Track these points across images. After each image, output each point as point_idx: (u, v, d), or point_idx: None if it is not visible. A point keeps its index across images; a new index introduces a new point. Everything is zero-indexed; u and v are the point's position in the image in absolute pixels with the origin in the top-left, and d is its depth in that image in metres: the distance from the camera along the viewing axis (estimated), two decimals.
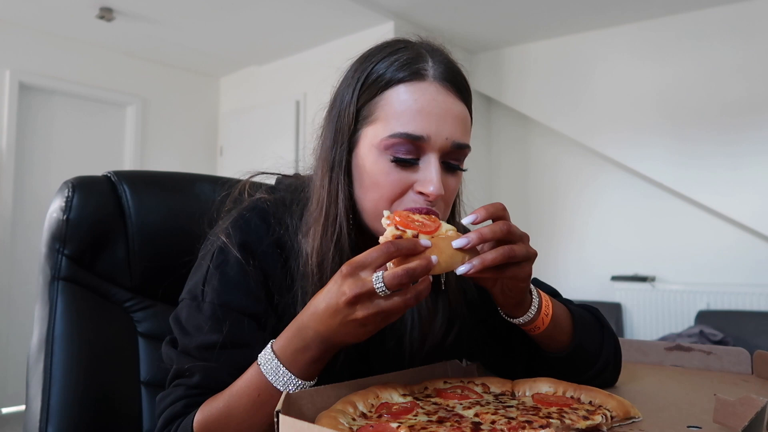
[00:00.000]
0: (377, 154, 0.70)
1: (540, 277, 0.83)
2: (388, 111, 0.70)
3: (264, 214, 0.77)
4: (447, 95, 0.71)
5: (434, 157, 0.70)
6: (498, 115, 4.54)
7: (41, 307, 0.88)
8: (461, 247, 0.61)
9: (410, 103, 0.69)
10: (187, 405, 0.68)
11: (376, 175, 0.70)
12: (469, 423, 0.55)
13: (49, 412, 0.82)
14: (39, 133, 3.90)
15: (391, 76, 0.71)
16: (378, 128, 0.70)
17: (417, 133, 0.68)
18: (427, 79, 0.71)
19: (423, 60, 0.72)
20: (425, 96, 0.70)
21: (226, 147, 4.82)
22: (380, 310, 0.58)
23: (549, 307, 0.72)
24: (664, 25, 3.67)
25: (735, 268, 3.50)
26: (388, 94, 0.71)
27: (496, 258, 0.61)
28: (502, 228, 0.62)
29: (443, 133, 0.69)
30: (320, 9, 3.51)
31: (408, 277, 0.57)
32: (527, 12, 3.66)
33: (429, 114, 0.69)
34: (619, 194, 3.96)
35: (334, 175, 0.73)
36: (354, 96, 0.72)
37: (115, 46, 4.17)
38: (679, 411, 0.64)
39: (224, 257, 0.73)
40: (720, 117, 3.50)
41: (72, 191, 0.90)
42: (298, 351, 0.62)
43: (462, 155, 0.73)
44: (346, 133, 0.73)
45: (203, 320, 0.70)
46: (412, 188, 0.70)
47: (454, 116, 0.71)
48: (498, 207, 0.64)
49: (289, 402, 0.54)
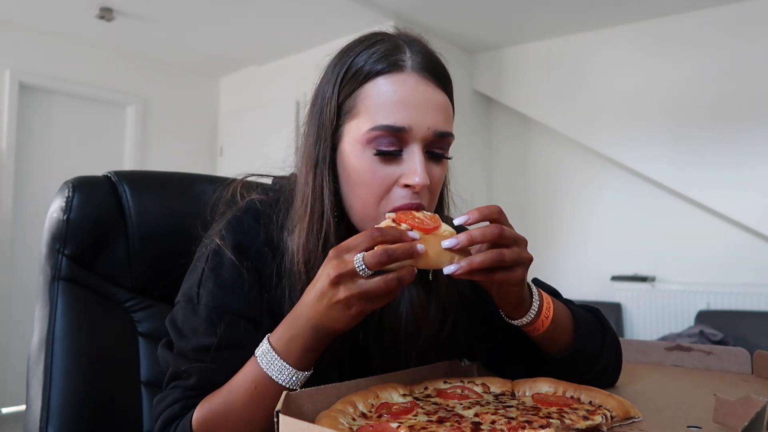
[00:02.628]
0: (361, 149, 0.70)
1: (539, 276, 0.83)
2: (369, 104, 0.70)
3: (257, 214, 0.77)
4: (426, 85, 0.71)
5: (417, 148, 0.69)
6: (498, 115, 4.54)
7: (41, 307, 0.88)
8: (450, 248, 0.61)
9: (390, 95, 0.69)
10: (185, 407, 0.68)
11: (362, 173, 0.70)
12: (469, 423, 0.55)
13: (50, 412, 0.82)
14: (39, 133, 3.90)
15: (370, 69, 0.70)
16: (360, 122, 0.70)
17: (398, 125, 0.68)
18: (406, 70, 0.70)
19: (401, 51, 0.72)
20: (404, 87, 0.69)
21: (226, 147, 4.82)
22: (362, 291, 0.58)
23: (550, 309, 0.71)
24: (664, 25, 3.67)
25: (735, 268, 3.50)
26: (367, 87, 0.70)
27: (484, 261, 0.61)
28: (493, 231, 0.62)
29: (425, 123, 0.69)
30: (320, 9, 3.51)
31: (387, 256, 0.57)
32: (527, 12, 3.66)
33: (409, 105, 0.69)
34: (619, 194, 3.96)
35: (318, 171, 0.73)
36: (335, 91, 0.72)
37: (115, 46, 4.17)
38: (679, 411, 0.64)
39: (219, 259, 0.73)
40: (720, 117, 3.50)
41: (72, 191, 0.90)
42: (292, 340, 0.63)
43: (445, 144, 0.74)
44: (329, 128, 0.73)
45: (199, 322, 0.71)
46: (398, 183, 0.70)
47: (435, 105, 0.71)
48: (493, 210, 0.64)
49: (289, 402, 0.54)
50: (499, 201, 4.52)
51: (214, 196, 0.85)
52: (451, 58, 3.39)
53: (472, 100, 4.37)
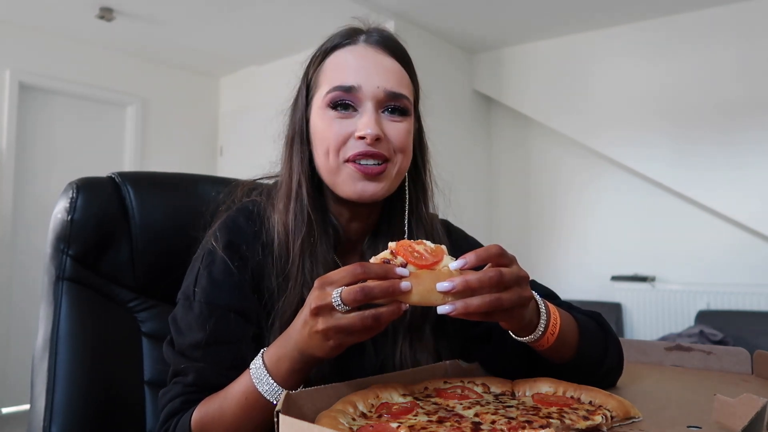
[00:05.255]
0: (322, 112, 0.78)
1: (540, 277, 0.83)
2: (328, 73, 0.79)
3: (249, 214, 0.82)
4: (377, 52, 0.79)
5: (370, 104, 0.77)
6: (498, 116, 4.54)
7: (46, 306, 0.89)
8: (444, 291, 0.59)
9: (343, 62, 0.79)
10: (185, 402, 0.72)
11: (323, 130, 0.78)
12: (469, 423, 0.55)
13: (53, 411, 0.83)
14: (39, 133, 3.90)
15: (329, 45, 0.81)
16: (321, 91, 0.79)
17: (348, 84, 0.77)
18: (360, 43, 0.80)
19: (360, 32, 0.82)
20: (356, 53, 0.79)
21: (226, 147, 4.81)
22: (338, 325, 0.59)
23: (556, 326, 0.70)
24: (664, 25, 3.67)
25: (735, 268, 3.50)
26: (327, 61, 0.81)
27: (480, 306, 0.59)
28: (491, 278, 0.59)
29: (374, 82, 0.77)
30: (320, 9, 3.51)
31: (363, 294, 0.57)
32: (527, 12, 3.66)
33: (359, 67, 0.78)
34: (619, 194, 3.96)
35: (294, 149, 0.82)
36: (304, 75, 0.83)
37: (115, 46, 4.17)
38: (679, 411, 0.65)
39: (212, 258, 0.78)
40: (720, 117, 3.50)
41: (76, 192, 0.90)
42: (280, 360, 0.66)
43: (400, 104, 0.79)
44: (302, 108, 0.82)
45: (194, 319, 0.75)
46: (353, 136, 0.77)
47: (385, 68, 0.78)
48: (492, 252, 0.62)
49: (289, 402, 0.54)
50: (500, 201, 4.53)
51: (218, 198, 0.89)
52: (451, 58, 3.43)
53: (472, 100, 4.37)
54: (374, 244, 0.85)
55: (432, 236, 0.85)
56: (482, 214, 4.42)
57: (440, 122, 3.95)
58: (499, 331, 0.82)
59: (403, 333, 0.80)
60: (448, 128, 4.00)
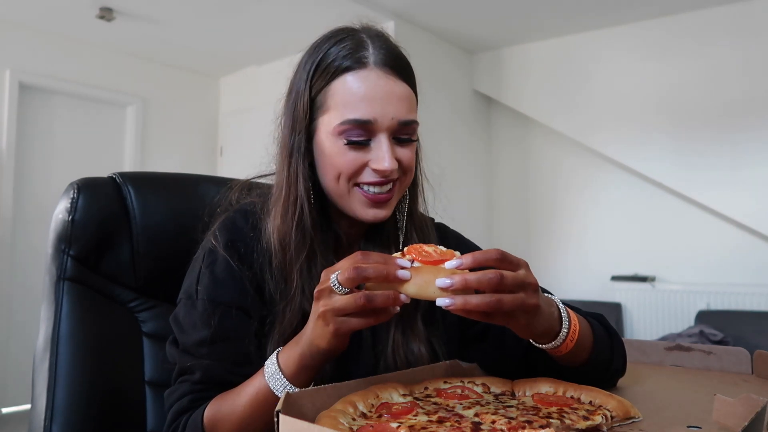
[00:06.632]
0: (333, 139, 0.77)
1: (540, 276, 0.82)
2: (338, 100, 0.77)
3: (246, 215, 0.83)
4: (388, 78, 0.77)
5: (384, 137, 0.76)
6: (498, 115, 4.54)
7: (47, 307, 0.89)
8: (443, 288, 0.59)
9: (355, 91, 0.76)
10: (193, 400, 0.73)
11: (335, 158, 0.77)
12: (469, 423, 0.55)
13: (54, 411, 0.83)
14: (39, 133, 3.90)
15: (337, 66, 0.77)
16: (331, 116, 0.77)
17: (364, 118, 0.75)
18: (369, 66, 0.77)
19: (364, 48, 0.78)
20: (368, 82, 0.76)
21: (226, 147, 4.81)
22: (334, 307, 0.61)
23: (575, 333, 0.70)
24: (664, 25, 3.67)
25: (735, 268, 3.50)
26: (336, 84, 0.77)
27: (479, 305, 0.59)
28: (490, 279, 0.59)
29: (388, 114, 0.76)
30: (320, 9, 3.51)
31: (356, 273, 0.59)
32: (527, 12, 3.66)
33: (373, 99, 0.76)
34: (619, 194, 3.96)
35: (293, 161, 0.80)
36: (307, 87, 0.79)
37: (115, 46, 4.17)
38: (679, 411, 0.65)
39: (213, 257, 0.79)
40: (720, 117, 3.50)
41: (77, 192, 0.91)
42: (292, 356, 0.67)
43: (410, 130, 0.79)
44: (303, 121, 0.80)
45: (197, 317, 0.76)
46: (368, 166, 0.77)
47: (398, 97, 0.77)
48: (490, 257, 0.61)
49: (289, 402, 0.54)
50: (500, 201, 4.53)
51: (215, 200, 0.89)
52: (451, 58, 3.43)
53: (472, 100, 4.37)
54: (370, 246, 0.86)
55: (424, 236, 0.87)
56: (482, 214, 4.42)
57: (440, 122, 3.98)
58: (495, 331, 0.82)
59: (395, 322, 0.82)
60: (448, 128, 4.00)
